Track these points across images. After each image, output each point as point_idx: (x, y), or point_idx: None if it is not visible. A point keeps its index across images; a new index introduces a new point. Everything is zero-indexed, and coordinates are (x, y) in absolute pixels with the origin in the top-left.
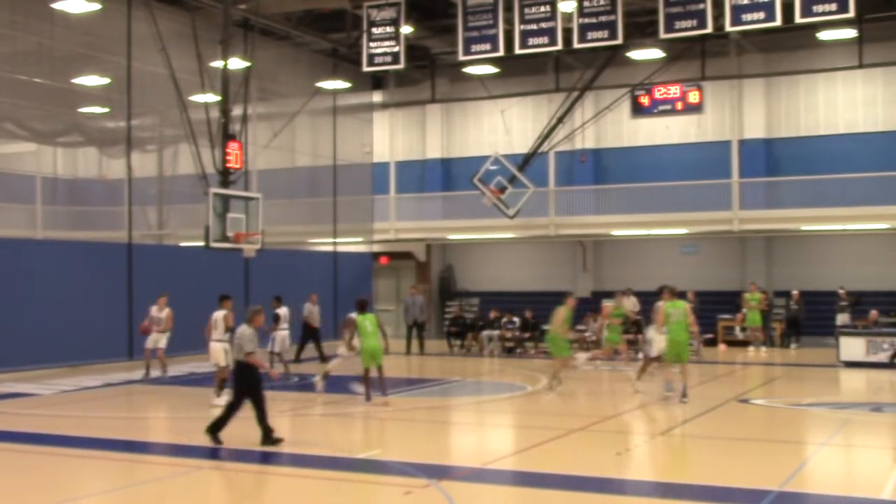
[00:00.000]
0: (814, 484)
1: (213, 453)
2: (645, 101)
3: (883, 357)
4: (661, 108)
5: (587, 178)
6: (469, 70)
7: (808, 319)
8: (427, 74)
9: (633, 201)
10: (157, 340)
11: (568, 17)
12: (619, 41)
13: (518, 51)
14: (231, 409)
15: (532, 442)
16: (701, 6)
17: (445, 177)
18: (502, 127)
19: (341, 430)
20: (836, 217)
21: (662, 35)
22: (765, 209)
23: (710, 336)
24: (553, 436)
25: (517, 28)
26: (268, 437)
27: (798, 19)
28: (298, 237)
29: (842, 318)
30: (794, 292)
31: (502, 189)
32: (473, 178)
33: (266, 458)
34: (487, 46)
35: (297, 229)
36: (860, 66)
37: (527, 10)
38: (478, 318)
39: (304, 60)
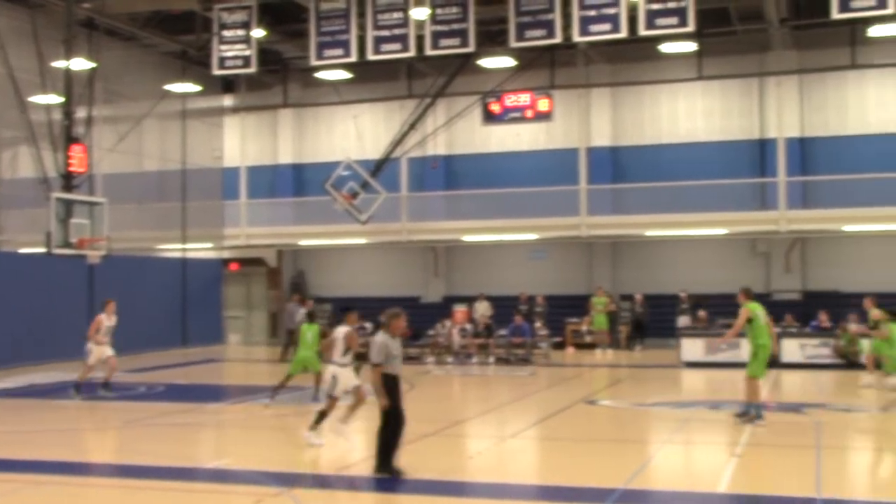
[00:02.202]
0: (657, 480)
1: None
2: (496, 108)
3: (721, 357)
4: (512, 115)
5: (439, 184)
6: (322, 75)
7: (652, 322)
8: (279, 79)
9: (485, 207)
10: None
11: (420, 25)
12: (471, 49)
13: (370, 56)
14: (392, 430)
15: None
16: (550, 16)
17: (297, 182)
18: (354, 132)
19: (192, 440)
20: (678, 223)
21: (513, 44)
22: (611, 215)
23: (558, 339)
24: (405, 441)
25: (370, 34)
26: (387, 463)
27: (642, 31)
28: (146, 243)
29: (683, 321)
30: (638, 296)
31: (354, 194)
32: (325, 183)
33: (110, 472)
34: (340, 52)
35: (145, 235)
36: (700, 78)
37: (379, 17)
38: (330, 324)
39: (152, 62)
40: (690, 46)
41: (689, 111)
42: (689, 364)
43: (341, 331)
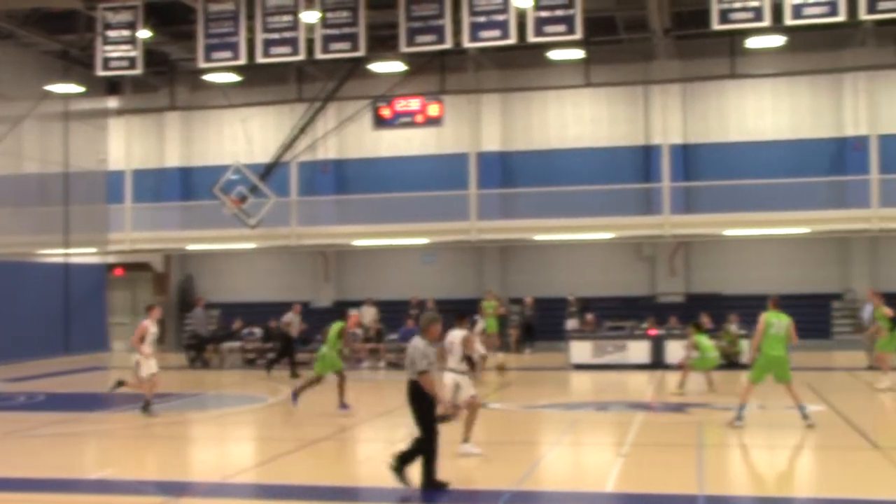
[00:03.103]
0: (546, 481)
1: None
2: (386, 113)
3: (608, 359)
4: (403, 120)
5: (329, 189)
6: (210, 78)
7: (541, 325)
8: (166, 81)
9: (375, 211)
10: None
11: (311, 28)
12: (362, 53)
13: (260, 59)
14: (429, 442)
15: (274, 454)
16: (440, 22)
17: (185, 186)
18: (244, 136)
19: (72, 450)
20: (566, 227)
21: (403, 49)
22: (500, 220)
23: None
24: (295, 447)
25: (259, 37)
26: (430, 478)
27: (531, 38)
28: (26, 248)
29: (571, 324)
30: (528, 299)
31: (243, 199)
32: (214, 187)
33: None
34: (228, 54)
35: (25, 239)
36: (587, 85)
37: (269, 19)
38: (219, 329)
39: (32, 62)
40: (578, 54)
41: (577, 117)
42: (577, 366)
43: (457, 335)
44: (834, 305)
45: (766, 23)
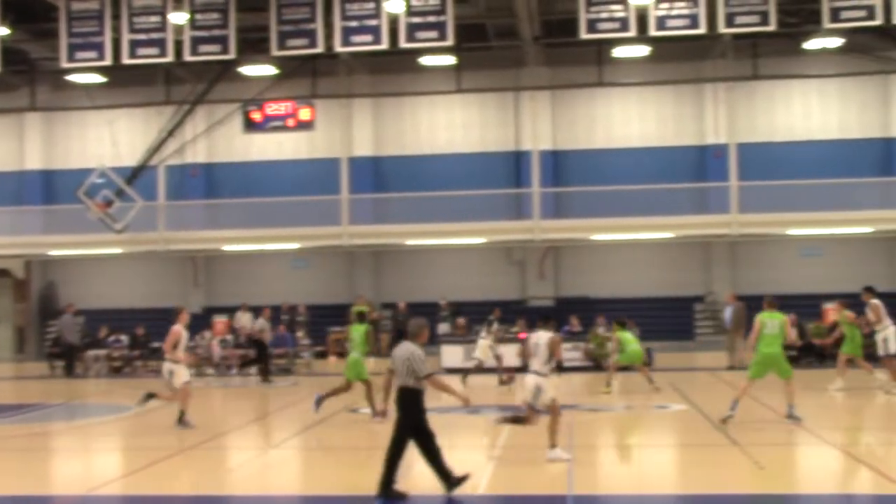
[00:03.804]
0: (418, 485)
1: None
2: (257, 116)
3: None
4: (274, 124)
5: (199, 193)
6: (74, 78)
7: None
8: (26, 80)
9: (246, 216)
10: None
11: (179, 29)
12: (232, 56)
13: (126, 60)
14: (397, 452)
15: (142, 463)
16: (312, 26)
17: (47, 189)
18: (109, 138)
19: None
20: (438, 232)
21: (274, 52)
22: (372, 224)
23: (320, 349)
24: (164, 455)
25: (125, 37)
26: (448, 478)
27: (403, 44)
28: None
29: (443, 328)
30: (401, 304)
31: (109, 203)
32: (78, 191)
33: None
34: (93, 54)
35: None
36: (459, 91)
37: (136, 20)
38: (84, 337)
39: None
40: (450, 60)
41: (449, 123)
42: (449, 370)
43: (543, 336)
44: (696, 307)
45: (632, 33)
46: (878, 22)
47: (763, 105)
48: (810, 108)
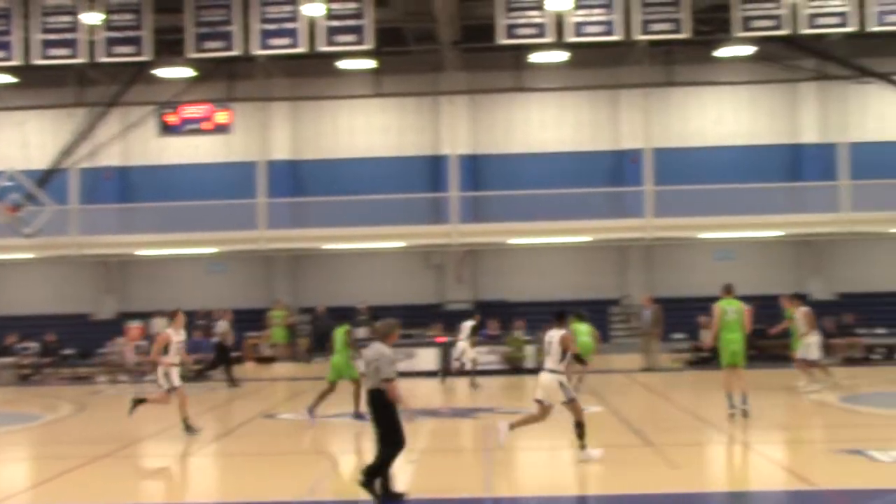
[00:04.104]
0: (336, 491)
1: None
2: (173, 119)
3: (402, 367)
4: (190, 127)
5: (112, 197)
6: None
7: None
8: None
9: (162, 220)
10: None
11: (93, 30)
12: (147, 57)
13: (36, 61)
14: (391, 454)
15: (52, 473)
16: (229, 28)
17: None
18: (19, 140)
19: None
20: (356, 236)
21: (190, 54)
22: (290, 228)
23: (237, 354)
24: (76, 465)
25: (35, 37)
26: (385, 486)
27: (321, 47)
28: None
29: (361, 332)
30: (320, 308)
31: (18, 206)
32: None
33: None
34: (2, 54)
35: None
36: (377, 95)
37: (46, 19)
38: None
39: None
40: (368, 64)
41: (368, 127)
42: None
43: (556, 334)
44: (612, 310)
45: (550, 39)
46: (786, 32)
47: (677, 111)
48: (722, 115)
